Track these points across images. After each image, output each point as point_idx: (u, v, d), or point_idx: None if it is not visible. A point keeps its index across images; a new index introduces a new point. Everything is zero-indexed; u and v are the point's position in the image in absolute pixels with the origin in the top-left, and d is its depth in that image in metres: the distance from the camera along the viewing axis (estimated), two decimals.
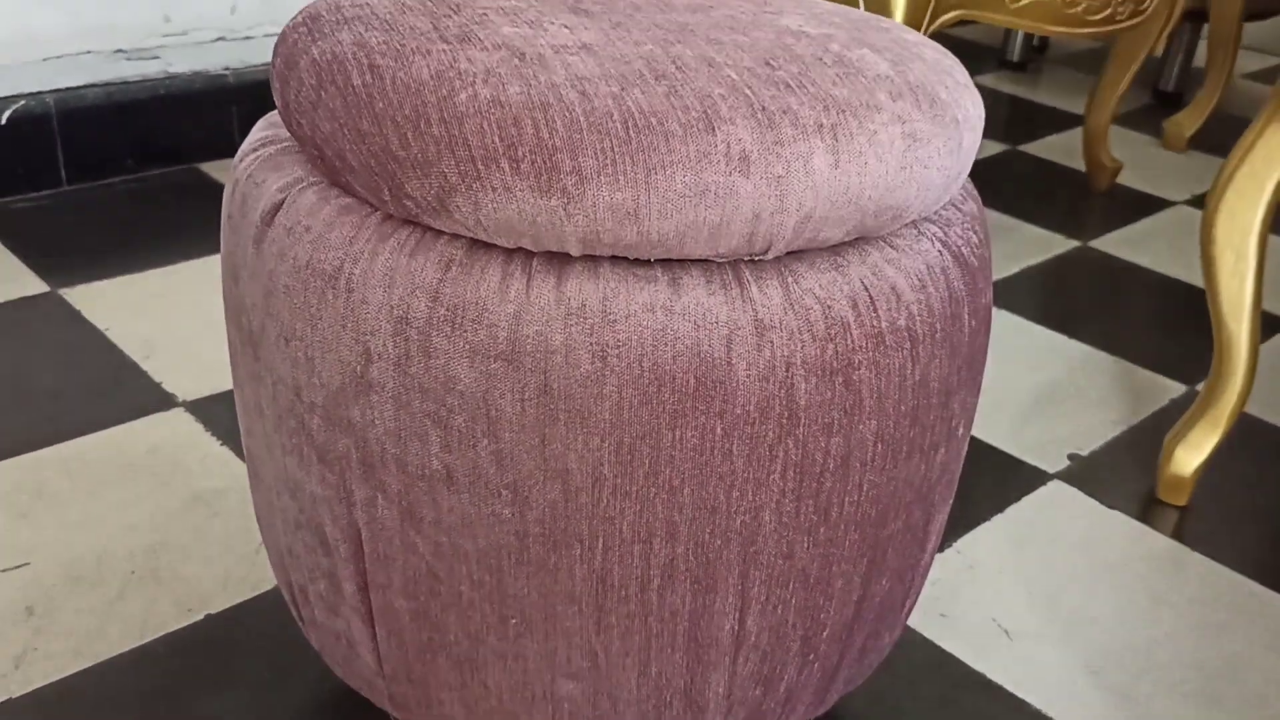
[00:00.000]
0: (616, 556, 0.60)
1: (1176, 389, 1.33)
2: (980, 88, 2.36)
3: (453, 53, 0.58)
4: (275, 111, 0.71)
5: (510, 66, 0.57)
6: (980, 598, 0.98)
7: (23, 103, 1.45)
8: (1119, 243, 1.71)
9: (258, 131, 0.69)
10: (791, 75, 0.59)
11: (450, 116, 0.55)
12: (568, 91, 0.55)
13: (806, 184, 0.55)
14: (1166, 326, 1.48)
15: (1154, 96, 2.39)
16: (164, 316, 1.27)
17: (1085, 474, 1.16)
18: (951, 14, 1.36)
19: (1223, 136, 2.15)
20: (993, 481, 1.14)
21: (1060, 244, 1.69)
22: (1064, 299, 1.53)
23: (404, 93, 0.56)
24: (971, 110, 0.64)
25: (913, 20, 1.31)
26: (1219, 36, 2.04)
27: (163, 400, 1.14)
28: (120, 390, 1.15)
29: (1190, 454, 1.11)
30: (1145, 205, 1.85)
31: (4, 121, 1.43)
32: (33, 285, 1.31)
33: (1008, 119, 2.21)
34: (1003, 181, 1.90)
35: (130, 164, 1.56)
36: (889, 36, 0.67)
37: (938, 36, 1.29)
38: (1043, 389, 1.31)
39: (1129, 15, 1.52)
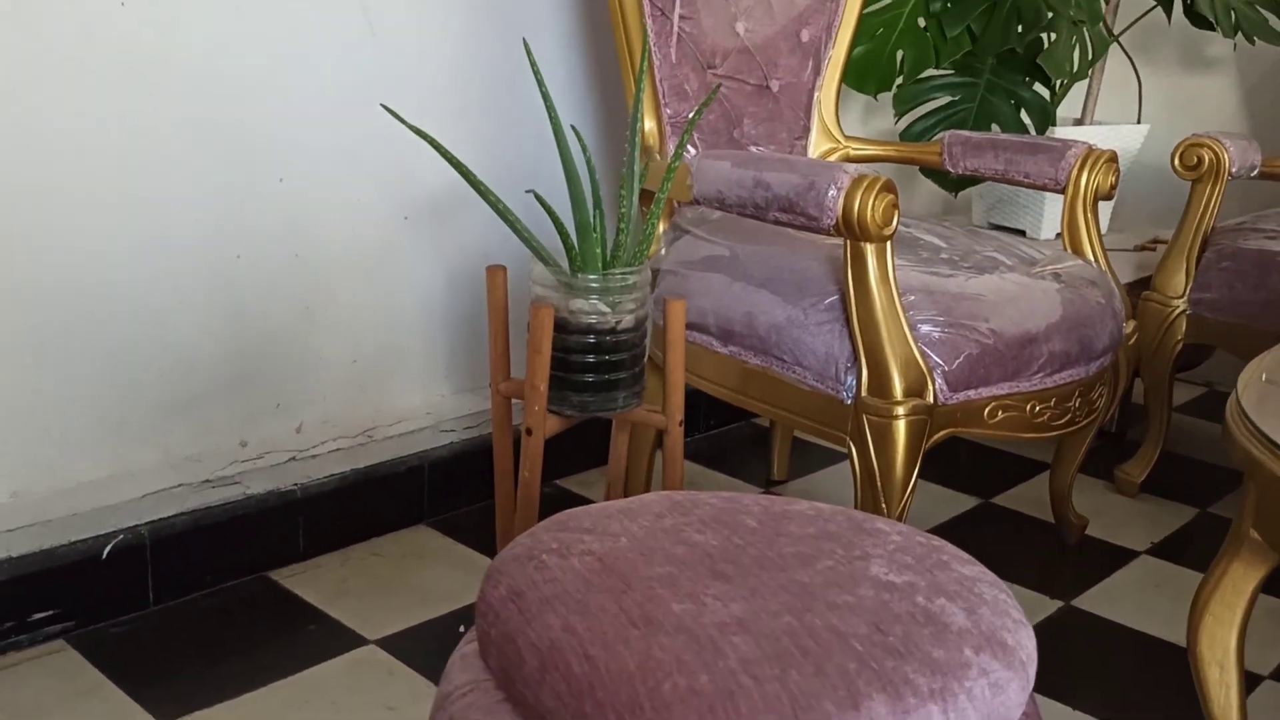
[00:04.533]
0: None
1: None
2: None
3: (646, 640, 0.76)
4: (472, 649, 0.88)
5: (693, 653, 0.75)
6: None
7: (121, 536, 1.61)
8: (1098, 600, 1.91)
9: (460, 674, 0.86)
10: (899, 639, 0.78)
11: (659, 704, 0.72)
12: (743, 677, 0.73)
13: None
14: (1152, 689, 1.65)
15: (1099, 437, 2.67)
16: None
17: None
18: (942, 433, 1.60)
19: (1168, 477, 2.40)
20: None
21: (1047, 605, 1.88)
22: (1060, 665, 1.70)
23: (618, 682, 0.74)
24: (1028, 644, 0.83)
25: (915, 443, 1.55)
26: (1154, 391, 2.33)
27: None
28: None
29: None
30: (1114, 557, 2.07)
31: (105, 556, 1.59)
32: None
33: (976, 470, 2.45)
34: (984, 540, 2.11)
35: (209, 579, 1.72)
36: (952, 576, 0.87)
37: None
38: None
39: (1085, 415, 1.78)
